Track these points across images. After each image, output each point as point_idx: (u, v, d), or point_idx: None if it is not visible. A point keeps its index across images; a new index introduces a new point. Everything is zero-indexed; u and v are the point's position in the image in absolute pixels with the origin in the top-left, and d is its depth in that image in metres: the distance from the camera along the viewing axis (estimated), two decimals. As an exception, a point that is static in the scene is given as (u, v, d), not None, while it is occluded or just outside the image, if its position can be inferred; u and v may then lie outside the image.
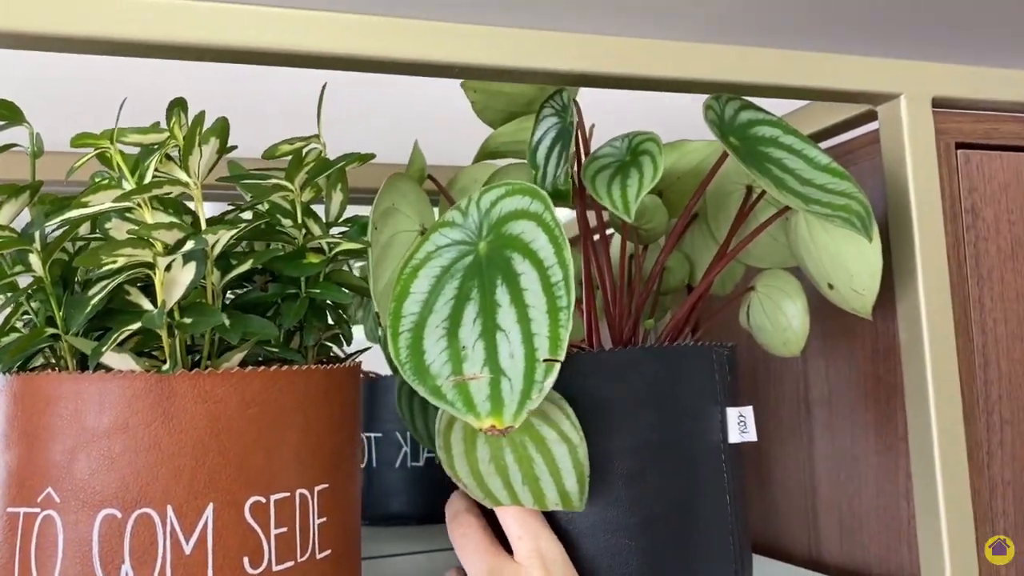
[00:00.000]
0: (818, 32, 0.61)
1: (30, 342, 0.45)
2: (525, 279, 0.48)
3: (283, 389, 0.46)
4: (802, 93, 0.62)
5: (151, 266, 0.44)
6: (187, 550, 0.42)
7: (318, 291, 0.51)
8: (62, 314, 0.45)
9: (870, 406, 0.67)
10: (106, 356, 0.42)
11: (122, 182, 0.45)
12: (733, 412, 0.55)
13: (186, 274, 0.44)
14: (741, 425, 0.55)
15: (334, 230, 0.56)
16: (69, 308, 0.44)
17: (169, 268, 0.44)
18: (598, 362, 0.54)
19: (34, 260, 0.45)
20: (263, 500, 0.44)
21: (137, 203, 0.45)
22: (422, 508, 0.94)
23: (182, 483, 0.42)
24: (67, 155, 0.48)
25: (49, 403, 0.43)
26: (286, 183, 0.51)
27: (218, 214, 0.54)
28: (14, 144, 0.50)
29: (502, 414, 0.44)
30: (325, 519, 0.47)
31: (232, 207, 0.55)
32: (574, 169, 0.60)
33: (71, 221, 0.44)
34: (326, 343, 0.55)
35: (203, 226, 0.47)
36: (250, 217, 0.52)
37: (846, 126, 0.71)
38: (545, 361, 0.45)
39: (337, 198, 0.57)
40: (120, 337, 0.42)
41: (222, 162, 0.51)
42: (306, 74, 0.55)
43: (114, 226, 0.45)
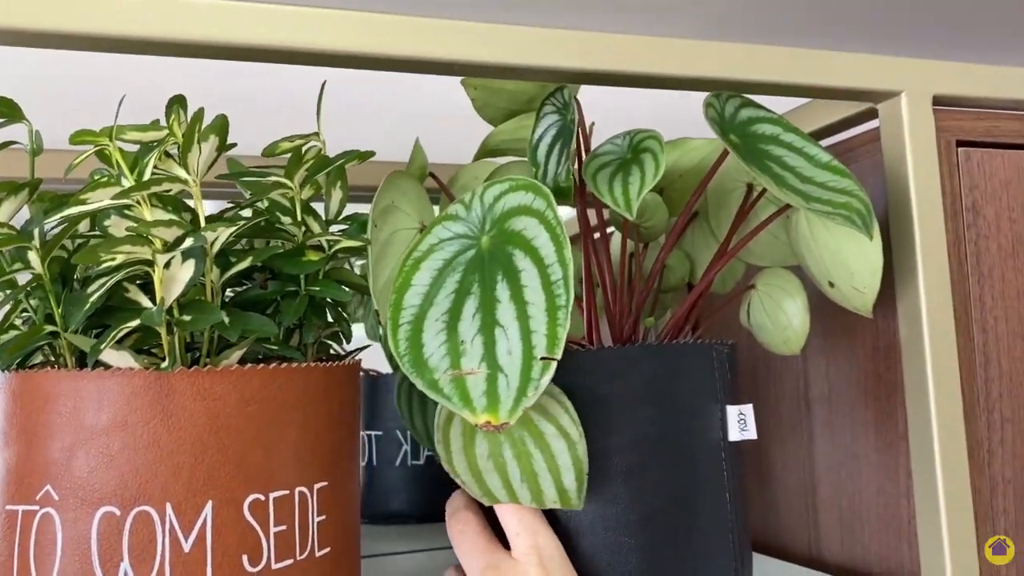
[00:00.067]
0: (818, 30, 0.61)
1: (29, 339, 0.45)
2: (525, 276, 0.48)
3: (282, 387, 0.46)
4: (803, 91, 0.62)
5: (150, 263, 0.44)
6: (186, 548, 0.42)
7: (317, 289, 0.51)
8: (61, 311, 0.45)
9: (870, 404, 0.67)
10: (105, 353, 0.42)
11: (121, 179, 0.45)
12: (733, 410, 0.55)
13: (185, 271, 0.44)
14: (741, 423, 0.55)
15: (334, 228, 0.56)
16: (68, 305, 0.44)
17: (168, 265, 0.44)
18: (598, 360, 0.54)
19: (33, 257, 0.45)
20: (262, 498, 0.44)
21: (136, 200, 0.45)
22: (422, 506, 0.94)
23: (181, 481, 0.42)
24: (66, 152, 0.48)
25: (48, 400, 0.43)
26: (286, 180, 0.51)
27: (218, 211, 0.54)
28: (13, 141, 0.50)
29: (498, 410, 0.44)
30: (324, 517, 0.47)
31: (232, 204, 0.55)
32: (575, 167, 0.60)
33: (70, 218, 0.44)
34: (326, 341, 0.55)
35: (202, 223, 0.47)
36: (250, 215, 0.52)
37: (847, 124, 0.71)
38: (542, 359, 0.45)
39: (337, 196, 0.57)
40: (119, 334, 0.42)
41: (222, 159, 0.51)
42: (306, 71, 0.55)
43: (113, 223, 0.45)
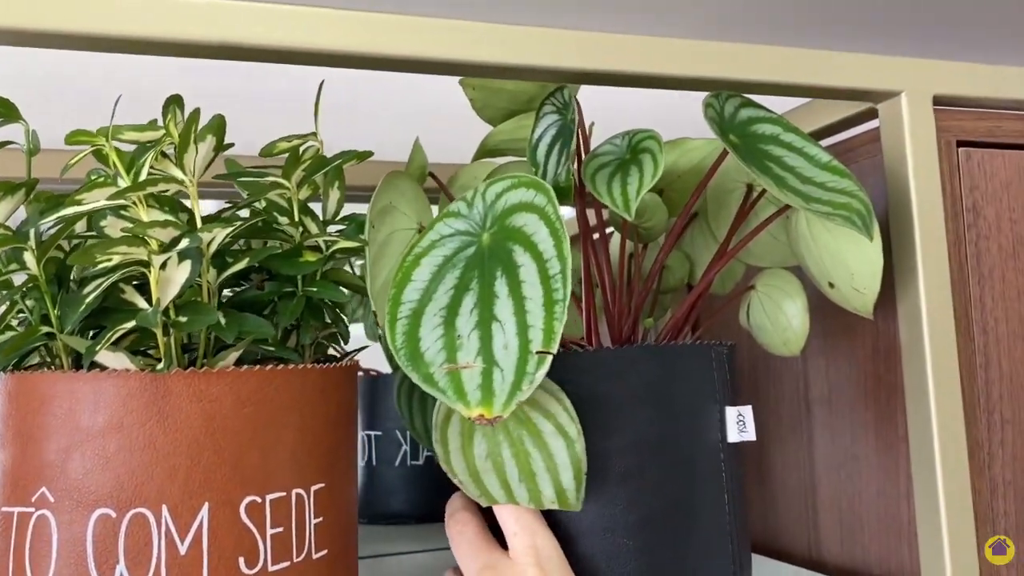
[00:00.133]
0: (819, 30, 0.61)
1: (25, 341, 0.45)
2: (524, 271, 0.47)
3: (279, 388, 0.45)
4: (803, 91, 0.62)
5: (146, 264, 0.43)
6: (182, 550, 0.42)
7: (315, 290, 0.50)
8: (57, 312, 0.45)
9: (870, 405, 0.67)
10: (101, 355, 0.42)
11: (117, 180, 0.45)
12: (732, 411, 0.55)
13: (181, 272, 0.44)
14: (740, 424, 0.55)
15: (331, 228, 0.56)
16: (64, 306, 0.44)
17: (164, 266, 0.44)
18: (597, 361, 0.54)
19: (29, 258, 0.45)
20: (259, 500, 0.44)
21: (132, 201, 0.44)
22: (421, 507, 0.94)
23: (177, 483, 0.42)
24: (64, 152, 0.48)
25: (44, 402, 0.43)
26: (283, 181, 0.51)
27: (216, 211, 0.54)
28: (10, 141, 0.49)
29: (492, 403, 0.44)
30: (321, 519, 0.47)
31: (229, 204, 0.55)
32: (574, 167, 0.60)
33: (66, 219, 0.44)
34: (323, 342, 0.55)
35: (199, 224, 0.47)
36: (247, 215, 0.52)
37: (847, 124, 0.70)
38: (538, 353, 0.45)
39: (334, 196, 0.57)
40: (115, 336, 0.42)
41: (220, 159, 0.51)
42: (304, 71, 0.55)
43: (109, 224, 0.45)
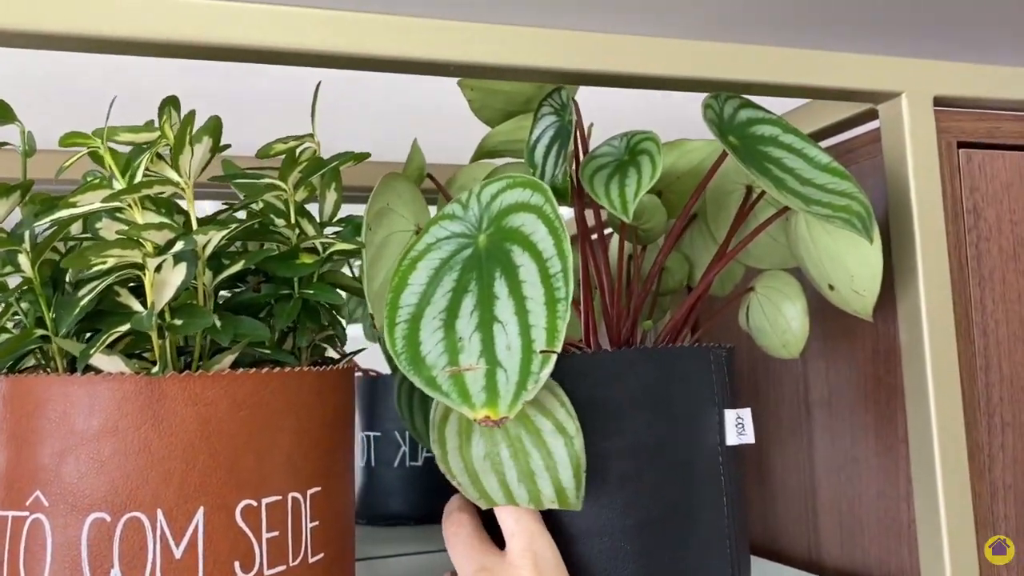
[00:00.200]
0: (819, 30, 0.61)
1: (19, 343, 0.45)
2: (524, 271, 0.47)
3: (275, 391, 0.45)
4: (802, 91, 0.62)
5: (141, 267, 0.43)
6: (177, 554, 0.41)
7: (311, 292, 0.50)
8: (52, 315, 0.44)
9: (870, 408, 0.66)
10: (96, 358, 0.42)
11: (112, 181, 0.44)
12: (731, 414, 0.55)
13: (176, 275, 0.43)
14: (739, 427, 0.55)
15: (328, 230, 0.56)
16: (59, 309, 0.44)
17: (159, 269, 0.43)
18: (596, 363, 0.54)
19: (23, 260, 0.44)
20: (254, 504, 0.44)
21: (127, 203, 0.44)
22: (420, 508, 0.94)
23: (172, 486, 0.42)
24: (60, 153, 0.48)
25: (38, 405, 0.42)
26: (279, 182, 0.51)
27: (212, 213, 0.54)
28: (5, 143, 0.49)
29: (497, 405, 0.44)
30: (318, 522, 0.47)
31: (225, 206, 0.54)
32: (572, 168, 0.60)
33: (60, 221, 0.43)
34: (320, 344, 0.55)
35: (194, 226, 0.46)
36: (243, 217, 0.52)
37: (847, 125, 0.70)
38: (542, 352, 0.44)
39: (331, 197, 0.57)
40: (110, 339, 0.42)
41: (216, 160, 0.50)
42: (301, 72, 0.54)
43: (104, 226, 0.45)
